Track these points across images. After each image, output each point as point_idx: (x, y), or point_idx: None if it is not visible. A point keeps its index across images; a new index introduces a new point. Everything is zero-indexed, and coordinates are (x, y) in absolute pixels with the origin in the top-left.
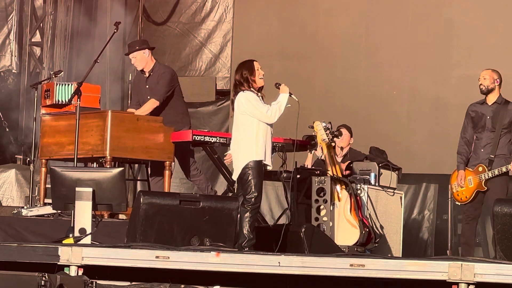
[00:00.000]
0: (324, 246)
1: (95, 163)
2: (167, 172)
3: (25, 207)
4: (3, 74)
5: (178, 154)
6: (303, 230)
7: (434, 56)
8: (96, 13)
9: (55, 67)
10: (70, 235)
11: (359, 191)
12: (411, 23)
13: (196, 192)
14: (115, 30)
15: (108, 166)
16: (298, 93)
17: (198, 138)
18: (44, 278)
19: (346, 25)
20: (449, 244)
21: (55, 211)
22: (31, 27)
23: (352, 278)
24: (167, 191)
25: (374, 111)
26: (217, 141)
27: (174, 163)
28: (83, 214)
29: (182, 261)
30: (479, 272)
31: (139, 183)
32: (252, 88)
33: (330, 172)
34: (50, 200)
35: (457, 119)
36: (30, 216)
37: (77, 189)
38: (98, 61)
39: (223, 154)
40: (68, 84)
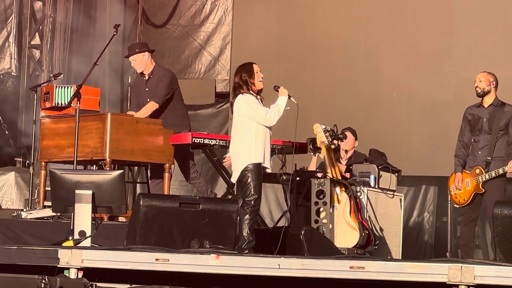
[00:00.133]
0: (323, 248)
1: (94, 166)
2: (166, 175)
3: (24, 210)
4: (2, 76)
5: (177, 156)
6: (302, 232)
7: (433, 58)
8: (96, 15)
9: (54, 69)
10: (70, 238)
11: (358, 193)
12: (411, 25)
13: (195, 194)
14: (115, 33)
15: (107, 169)
16: (297, 95)
17: (197, 140)
18: (44, 281)
19: (346, 27)
20: (448, 246)
21: (55, 214)
22: (31, 30)
23: (352, 280)
24: (166, 194)
25: (374, 113)
26: (216, 143)
27: (173, 166)
28: (82, 217)
29: (182, 263)
30: (479, 274)
31: (138, 185)
32: (251, 91)
33: (329, 174)
34: (49, 203)
35: (457, 121)
36: (30, 218)
37: (76, 191)
38: (98, 63)
39: (223, 156)
40: (68, 87)
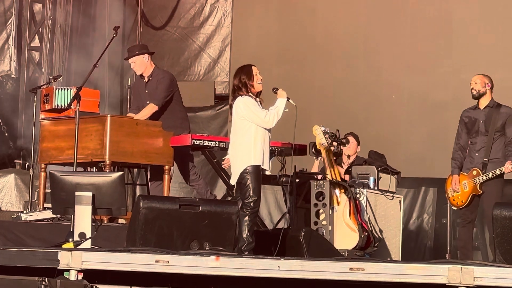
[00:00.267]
0: (323, 250)
1: (94, 168)
2: (166, 177)
3: (24, 212)
4: (2, 79)
5: (177, 158)
6: (302, 234)
7: (433, 60)
8: (95, 17)
9: (54, 71)
10: (70, 240)
11: (358, 195)
12: (410, 27)
13: (195, 196)
14: (114, 35)
15: (107, 171)
16: (297, 97)
17: (197, 142)
18: (44, 283)
19: (345, 29)
20: (448, 248)
21: (55, 216)
22: (30, 32)
23: (351, 282)
24: (166, 196)
25: (373, 115)
26: (216, 145)
27: (173, 168)
28: (82, 219)
29: (182, 265)
30: (479, 275)
31: (138, 187)
32: (250, 93)
33: (329, 176)
34: (49, 205)
35: (456, 123)
36: (30, 220)
37: (76, 193)
38: (97, 65)
39: (222, 158)
40: (67, 89)
